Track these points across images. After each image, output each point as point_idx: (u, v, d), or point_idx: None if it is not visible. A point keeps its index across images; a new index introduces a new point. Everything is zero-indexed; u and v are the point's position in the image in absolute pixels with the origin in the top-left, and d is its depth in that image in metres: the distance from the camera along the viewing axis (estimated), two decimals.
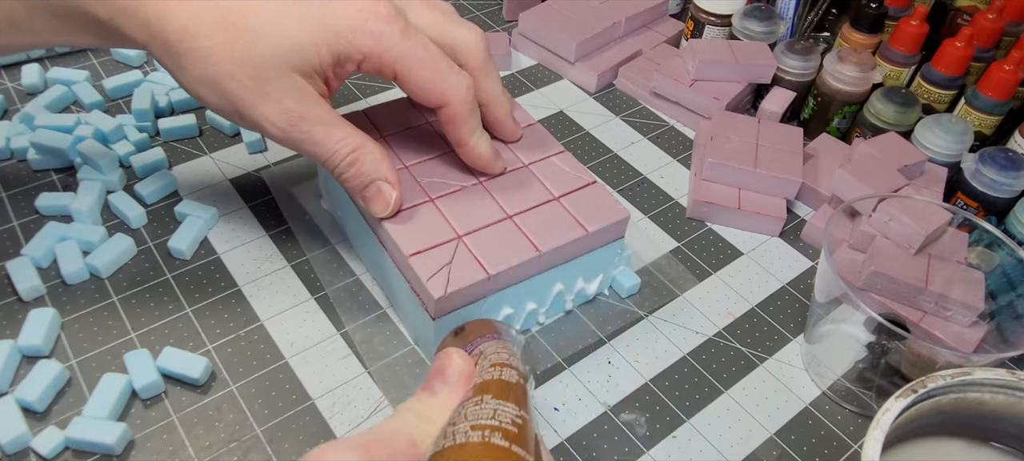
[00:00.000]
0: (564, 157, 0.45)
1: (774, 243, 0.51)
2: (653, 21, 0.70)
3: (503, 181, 0.43)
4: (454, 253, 0.38)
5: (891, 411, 0.30)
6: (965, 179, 0.52)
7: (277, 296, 0.44)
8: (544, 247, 0.39)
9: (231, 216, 0.49)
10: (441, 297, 0.37)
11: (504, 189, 0.42)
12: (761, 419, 0.41)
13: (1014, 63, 0.53)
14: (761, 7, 0.63)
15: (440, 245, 0.39)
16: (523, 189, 0.42)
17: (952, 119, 0.53)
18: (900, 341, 0.37)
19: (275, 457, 0.37)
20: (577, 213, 0.41)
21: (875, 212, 0.45)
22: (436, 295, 0.36)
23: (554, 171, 0.44)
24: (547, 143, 0.46)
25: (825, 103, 0.59)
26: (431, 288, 0.37)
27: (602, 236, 0.42)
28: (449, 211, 0.40)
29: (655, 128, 0.60)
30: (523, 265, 0.39)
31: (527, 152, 0.45)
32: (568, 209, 0.42)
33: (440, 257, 0.38)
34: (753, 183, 0.52)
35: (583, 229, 0.41)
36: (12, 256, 0.44)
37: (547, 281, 0.42)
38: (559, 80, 0.64)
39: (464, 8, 0.72)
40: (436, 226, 0.40)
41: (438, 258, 0.38)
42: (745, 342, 0.45)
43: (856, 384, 0.41)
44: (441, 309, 0.38)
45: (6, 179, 0.49)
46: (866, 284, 0.44)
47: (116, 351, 0.40)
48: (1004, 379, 0.33)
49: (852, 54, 0.57)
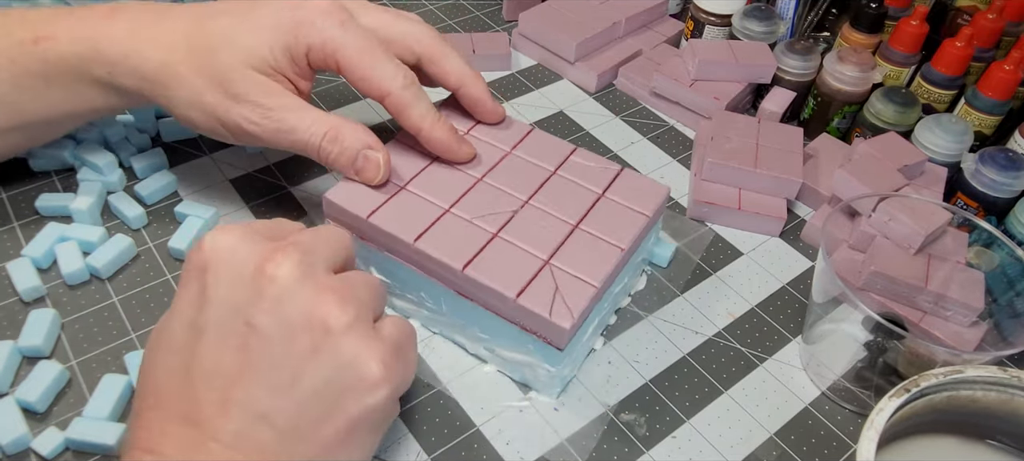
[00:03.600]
0: (581, 153, 0.45)
1: (774, 243, 0.51)
2: (653, 21, 0.70)
3: (543, 196, 0.42)
4: (554, 279, 0.37)
5: (885, 410, 0.31)
6: (965, 179, 0.52)
7: None
8: (624, 244, 0.40)
9: (231, 216, 0.49)
10: (572, 324, 0.36)
11: (550, 201, 0.42)
12: (761, 419, 0.41)
13: (1014, 63, 0.53)
14: (761, 7, 0.63)
15: (535, 276, 0.38)
16: (567, 196, 0.42)
17: (952, 119, 0.53)
18: (898, 340, 0.37)
19: None
20: (628, 202, 0.42)
21: (875, 212, 0.45)
22: (566, 325, 0.35)
23: (582, 170, 0.44)
24: (557, 146, 0.45)
25: (825, 103, 0.59)
26: (557, 319, 0.36)
27: (656, 216, 0.43)
28: (519, 239, 0.39)
29: (655, 128, 0.60)
30: (615, 266, 0.39)
31: (545, 159, 0.44)
32: (619, 201, 0.42)
33: (542, 287, 0.37)
34: (753, 183, 0.52)
35: (644, 215, 0.41)
36: (12, 256, 0.44)
37: (624, 274, 0.42)
38: (559, 80, 0.64)
39: (464, 8, 0.72)
40: (518, 259, 0.38)
41: (541, 289, 0.37)
42: (745, 342, 0.45)
43: (855, 384, 0.41)
44: (570, 337, 0.37)
45: (6, 179, 0.49)
46: (865, 284, 0.44)
47: (116, 351, 0.41)
48: (996, 376, 0.33)
49: (852, 54, 0.57)
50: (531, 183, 0.43)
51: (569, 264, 0.38)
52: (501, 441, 0.39)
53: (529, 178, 0.43)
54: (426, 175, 0.43)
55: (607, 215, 0.41)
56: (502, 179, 0.43)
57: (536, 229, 0.40)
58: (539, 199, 0.42)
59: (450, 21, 0.70)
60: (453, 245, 0.39)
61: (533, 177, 0.43)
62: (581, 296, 0.37)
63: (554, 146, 0.45)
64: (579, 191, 0.43)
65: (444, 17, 0.70)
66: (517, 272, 0.38)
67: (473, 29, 0.69)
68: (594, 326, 0.41)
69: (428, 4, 0.72)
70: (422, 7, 0.71)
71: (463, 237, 0.39)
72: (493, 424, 0.39)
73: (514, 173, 0.43)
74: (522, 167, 0.44)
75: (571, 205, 0.42)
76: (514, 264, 0.38)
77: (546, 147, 0.45)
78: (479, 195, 0.42)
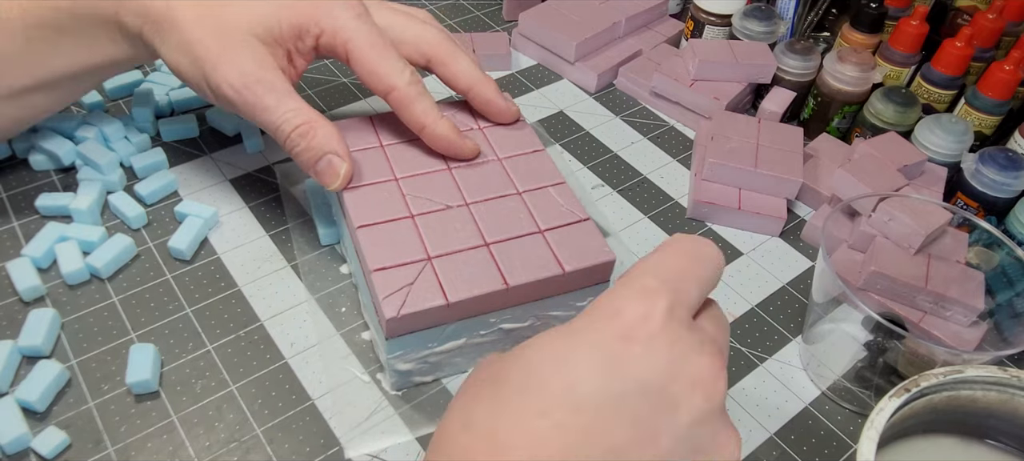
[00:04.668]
0: (561, 189, 0.42)
1: (774, 243, 0.51)
2: (653, 21, 0.70)
3: (491, 207, 0.41)
4: (419, 274, 0.37)
5: (885, 410, 0.30)
6: (965, 179, 0.52)
7: (277, 296, 0.44)
8: (513, 281, 0.37)
9: (231, 216, 0.49)
10: (392, 318, 0.35)
11: (490, 214, 0.40)
12: (761, 419, 0.41)
13: (1014, 63, 0.53)
14: (761, 7, 0.63)
15: (407, 264, 0.37)
16: (510, 217, 0.40)
17: (952, 119, 0.53)
18: (898, 340, 0.37)
19: (275, 457, 0.37)
20: (558, 249, 0.39)
21: (875, 212, 0.45)
22: (388, 315, 0.35)
23: (548, 202, 0.41)
24: (547, 172, 0.43)
25: (825, 103, 0.59)
26: (385, 307, 0.35)
27: (581, 278, 0.39)
28: (426, 230, 0.39)
29: (655, 128, 0.60)
30: (487, 296, 0.37)
31: (524, 179, 0.43)
32: (550, 244, 0.39)
33: (403, 276, 0.36)
34: (753, 183, 0.52)
35: (560, 267, 0.38)
36: (12, 256, 0.44)
37: (518, 317, 0.39)
38: (559, 80, 0.64)
39: (464, 8, 0.72)
40: (409, 243, 0.38)
41: (401, 277, 0.36)
42: (745, 342, 0.45)
43: (855, 384, 0.41)
44: (393, 330, 0.36)
45: (6, 179, 0.49)
46: (865, 284, 0.44)
47: (116, 351, 0.41)
48: (996, 376, 0.33)
49: (852, 54, 0.57)
50: (487, 191, 0.42)
51: (446, 271, 0.37)
52: None
53: (490, 186, 0.42)
54: (408, 146, 0.44)
55: (526, 250, 0.39)
56: (467, 177, 0.42)
57: (449, 229, 0.39)
58: (480, 207, 0.41)
59: (450, 21, 0.70)
60: (370, 207, 0.40)
61: (495, 187, 0.42)
62: (425, 300, 0.36)
63: (543, 171, 0.43)
64: (523, 218, 0.40)
65: (444, 17, 0.70)
66: (395, 252, 0.37)
67: (473, 29, 0.69)
68: (459, 346, 0.39)
69: (428, 4, 0.72)
70: (422, 7, 0.71)
71: (385, 204, 0.40)
72: None
73: (481, 177, 0.43)
74: (495, 175, 0.43)
75: (502, 225, 0.40)
76: (400, 246, 0.38)
77: (535, 169, 0.44)
78: (432, 181, 0.42)
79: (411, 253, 0.38)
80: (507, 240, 0.39)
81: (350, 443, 0.38)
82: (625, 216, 0.52)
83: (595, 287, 0.40)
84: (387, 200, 0.40)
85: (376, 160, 0.43)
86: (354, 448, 0.38)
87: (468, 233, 0.39)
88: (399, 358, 0.38)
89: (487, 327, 0.39)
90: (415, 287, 0.36)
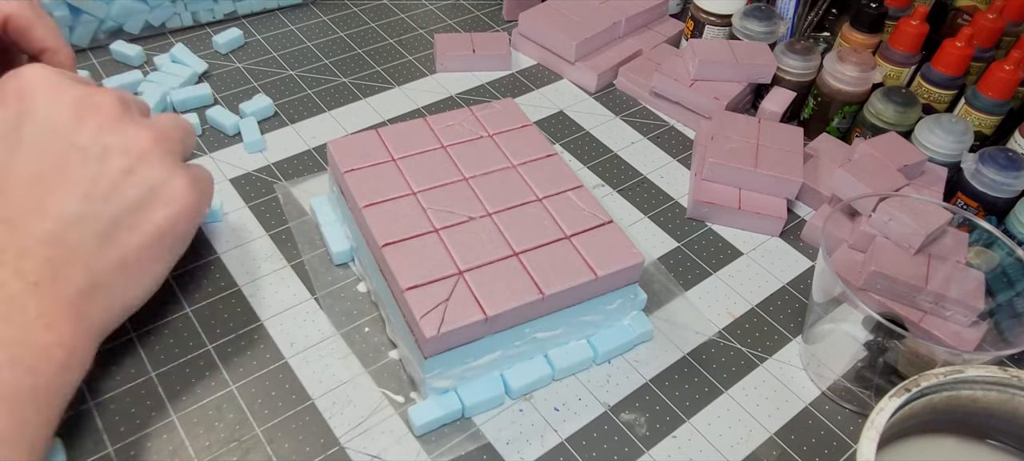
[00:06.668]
0: (580, 193, 0.43)
1: (774, 243, 0.51)
2: (653, 21, 0.70)
3: (514, 215, 0.41)
4: (453, 290, 0.37)
5: (885, 410, 0.30)
6: (965, 179, 0.52)
7: (277, 296, 0.44)
8: (548, 289, 0.37)
9: (231, 216, 0.49)
10: (433, 337, 0.35)
11: (514, 223, 0.40)
12: (761, 419, 0.41)
13: (1014, 63, 0.53)
14: (761, 7, 0.63)
15: (439, 280, 0.37)
16: (534, 225, 0.40)
17: (952, 119, 0.53)
18: (898, 340, 0.37)
19: (275, 457, 0.37)
20: (588, 254, 0.39)
21: (875, 212, 0.45)
22: (428, 334, 0.35)
23: (569, 207, 0.42)
24: (564, 176, 0.44)
25: (825, 103, 0.59)
26: (424, 326, 0.35)
27: (612, 281, 0.39)
28: (453, 243, 0.39)
29: (655, 128, 0.60)
30: (524, 307, 0.37)
31: (542, 185, 0.43)
32: (579, 249, 0.39)
33: (438, 293, 0.36)
34: (753, 183, 0.52)
35: (592, 272, 0.38)
36: None
37: (551, 325, 0.39)
38: (559, 80, 0.64)
39: (464, 8, 0.72)
40: (437, 259, 0.38)
41: (435, 294, 0.36)
42: (745, 342, 0.45)
43: (855, 383, 0.41)
44: (432, 349, 0.36)
45: None
46: (866, 284, 0.44)
47: (116, 350, 0.41)
48: (996, 376, 0.33)
49: (852, 54, 0.57)
50: (508, 199, 0.42)
51: (480, 284, 0.37)
52: (501, 441, 0.39)
53: (510, 195, 0.42)
54: (420, 158, 0.44)
55: (556, 258, 0.39)
56: (485, 186, 0.42)
57: (476, 241, 0.39)
58: (503, 216, 0.41)
59: (450, 21, 0.70)
60: (393, 224, 0.39)
61: (515, 195, 0.42)
62: (463, 316, 0.36)
63: (560, 176, 0.44)
64: (548, 225, 0.41)
65: (444, 17, 0.70)
66: (425, 269, 0.37)
67: (473, 29, 0.69)
68: (494, 360, 0.39)
69: (428, 4, 0.72)
70: (422, 7, 0.71)
71: (407, 220, 0.40)
72: (493, 424, 0.39)
73: (500, 185, 0.43)
74: (513, 183, 0.43)
75: (529, 234, 0.40)
76: (429, 262, 0.38)
77: (552, 174, 0.44)
78: (451, 192, 0.42)
79: (441, 269, 0.37)
80: (536, 248, 0.39)
81: (350, 443, 0.38)
82: (625, 216, 0.52)
83: (623, 288, 0.41)
84: (408, 215, 0.40)
85: (390, 174, 0.42)
86: (354, 448, 0.38)
87: (495, 244, 0.39)
88: (436, 376, 0.38)
89: (522, 337, 0.39)
90: (451, 303, 0.36)
